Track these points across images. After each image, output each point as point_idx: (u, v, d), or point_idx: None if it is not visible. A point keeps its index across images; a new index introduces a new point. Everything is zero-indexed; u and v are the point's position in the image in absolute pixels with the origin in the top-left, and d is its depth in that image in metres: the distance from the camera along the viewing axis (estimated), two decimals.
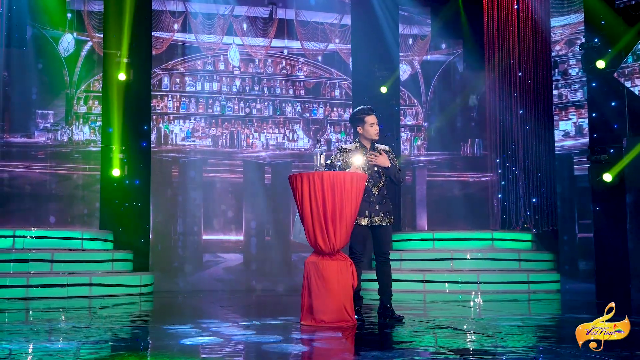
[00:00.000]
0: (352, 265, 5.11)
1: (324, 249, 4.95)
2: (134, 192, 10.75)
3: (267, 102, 12.06)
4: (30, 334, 4.91)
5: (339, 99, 12.35)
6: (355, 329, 4.95)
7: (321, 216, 4.89)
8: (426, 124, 12.67)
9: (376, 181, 5.68)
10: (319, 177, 4.97)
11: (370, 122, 5.68)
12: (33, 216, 10.60)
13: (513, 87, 11.55)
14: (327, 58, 12.37)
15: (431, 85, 12.66)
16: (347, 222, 4.97)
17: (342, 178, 4.94)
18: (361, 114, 5.71)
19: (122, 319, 6.27)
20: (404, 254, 10.54)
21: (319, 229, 4.90)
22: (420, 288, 9.95)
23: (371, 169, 5.67)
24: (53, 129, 11.02)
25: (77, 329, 5.17)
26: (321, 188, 4.90)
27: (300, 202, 4.96)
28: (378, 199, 5.62)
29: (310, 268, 4.99)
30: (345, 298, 4.98)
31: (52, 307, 7.41)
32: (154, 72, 11.46)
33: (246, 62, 12.11)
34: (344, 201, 4.90)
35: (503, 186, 11.71)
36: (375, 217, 5.55)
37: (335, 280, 4.92)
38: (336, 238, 4.92)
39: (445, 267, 10.05)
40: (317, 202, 4.88)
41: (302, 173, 5.01)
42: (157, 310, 7.79)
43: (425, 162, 12.55)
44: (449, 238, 10.43)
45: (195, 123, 11.77)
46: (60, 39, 11.16)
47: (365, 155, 5.63)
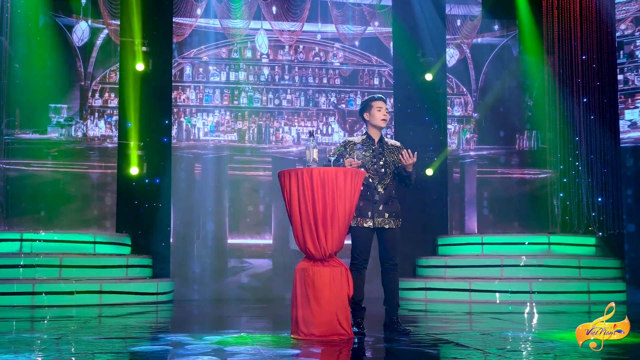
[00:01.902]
0: (348, 272, 4.99)
1: (315, 254, 4.86)
2: (154, 191, 10.81)
3: (299, 92, 11.97)
4: (21, 344, 4.91)
5: (378, 88, 12.14)
6: (351, 343, 4.83)
7: (310, 217, 4.81)
8: (476, 114, 12.39)
9: (382, 178, 5.58)
10: (308, 173, 4.88)
11: (378, 106, 5.67)
12: (45, 218, 10.74)
13: (575, 72, 11.24)
14: (365, 43, 12.17)
15: (482, 71, 12.37)
16: (341, 224, 4.86)
17: (334, 174, 4.83)
18: (368, 100, 5.73)
19: (128, 330, 6.24)
20: (448, 259, 10.38)
21: (308, 232, 4.82)
22: (466, 298, 9.76)
23: (377, 163, 5.57)
24: (66, 124, 11.15)
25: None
26: (310, 186, 4.82)
27: (288, 202, 4.88)
28: (383, 199, 5.52)
29: (300, 275, 4.90)
30: (339, 309, 4.87)
31: (58, 316, 7.47)
32: (175, 61, 11.49)
33: (275, 49, 12.02)
34: (337, 200, 4.80)
35: (564, 184, 11.41)
36: (378, 218, 5.44)
37: (327, 289, 4.81)
38: (327, 242, 4.81)
39: (495, 274, 9.85)
40: (306, 202, 4.80)
41: (290, 169, 4.94)
42: (172, 320, 7.78)
43: (475, 157, 12.28)
44: (499, 242, 10.26)
45: (220, 116, 11.75)
46: (74, 27, 11.28)
47: (371, 148, 5.55)
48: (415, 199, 11.28)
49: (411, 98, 11.66)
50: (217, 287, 11.17)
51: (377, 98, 5.72)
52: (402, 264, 11.07)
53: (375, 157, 5.60)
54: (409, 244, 11.20)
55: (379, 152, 5.61)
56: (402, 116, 11.70)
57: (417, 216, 11.29)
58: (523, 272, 9.78)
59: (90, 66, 11.35)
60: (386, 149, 5.69)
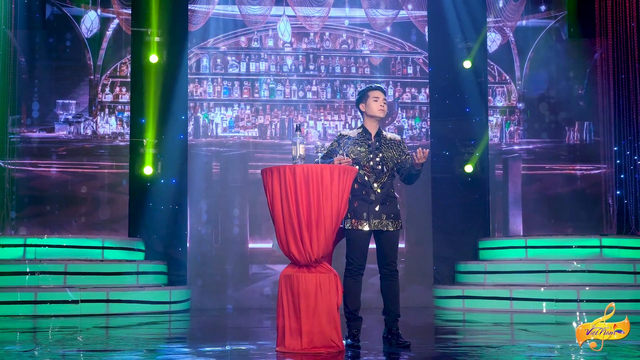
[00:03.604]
0: (337, 278, 4.91)
1: (299, 259, 4.81)
2: (170, 193, 10.84)
3: (325, 83, 11.90)
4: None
5: (412, 77, 12.02)
6: (342, 357, 4.74)
7: (294, 219, 4.76)
8: (521, 104, 12.19)
9: (378, 175, 5.52)
10: (291, 171, 4.83)
11: (374, 96, 5.63)
12: (53, 222, 10.87)
13: (632, 56, 11.00)
14: (398, 28, 12.06)
15: (527, 57, 12.17)
16: (327, 226, 4.79)
17: (319, 172, 4.77)
18: (365, 90, 5.72)
19: (123, 342, 6.25)
20: (488, 264, 10.24)
21: (291, 235, 4.78)
22: (507, 307, 9.58)
23: (373, 159, 5.52)
24: (75, 121, 11.27)
25: None
26: (293, 184, 4.78)
27: (270, 202, 4.84)
28: (380, 198, 5.45)
29: (284, 282, 4.85)
30: (327, 319, 4.80)
31: (60, 327, 7.52)
32: (191, 51, 11.53)
33: (299, 37, 11.98)
34: (322, 201, 4.73)
35: (621, 181, 11.16)
36: (374, 220, 5.35)
37: (312, 298, 4.75)
38: (312, 246, 4.74)
39: (539, 281, 9.68)
40: (289, 202, 4.75)
41: (273, 166, 4.89)
42: (180, 332, 7.77)
43: (520, 152, 12.10)
44: (544, 245, 10.03)
45: (240, 110, 11.75)
46: (83, 18, 11.40)
47: (367, 143, 5.48)
48: (455, 199, 11.19)
49: (449, 88, 11.52)
50: (237, 295, 11.17)
51: (374, 87, 5.69)
52: (441, 270, 11.18)
53: (372, 152, 5.55)
54: (448, 248, 11.13)
55: (375, 147, 5.57)
56: (439, 108, 11.55)
57: (456, 217, 11.18)
58: (570, 279, 9.56)
59: (100, 59, 11.45)
60: (384, 144, 5.63)
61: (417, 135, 12.01)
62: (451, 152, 11.34)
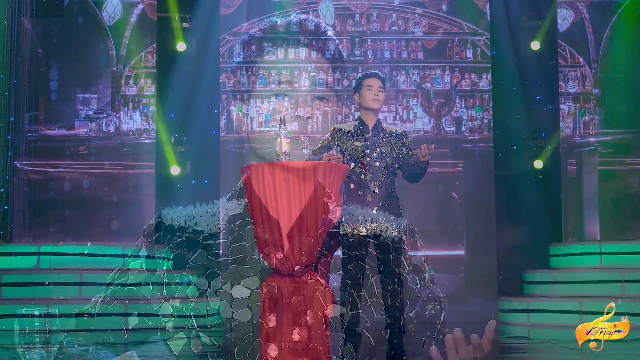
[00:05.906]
0: (328, 290, 4.84)
1: (281, 267, 4.78)
2: (202, 195, 10.80)
3: (373, 69, 11.78)
4: None
5: (472, 62, 11.94)
6: None
7: (273, 222, 4.66)
8: (597, 90, 12.04)
9: (376, 173, 5.52)
10: (269, 168, 4.80)
11: (368, 85, 5.71)
12: (71, 227, 11.02)
13: None
14: (455, 6, 11.98)
15: (604, 36, 12.01)
16: (312, 231, 4.70)
17: (301, 170, 4.68)
18: (360, 79, 5.83)
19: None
20: (558, 273, 10.03)
21: (271, 241, 4.72)
22: (576, 322, 9.29)
23: (370, 155, 5.53)
24: (96, 117, 11.41)
25: None
26: (272, 183, 4.73)
27: (249, 204, 4.77)
28: (378, 199, 5.43)
29: (267, 294, 4.81)
30: (315, 335, 4.71)
31: (67, 343, 7.59)
32: (223, 38, 11.58)
33: (343, 19, 11.94)
34: (305, 202, 4.62)
35: None
36: (372, 223, 5.23)
37: (294, 310, 4.65)
38: (295, 253, 4.69)
39: (614, 292, 9.35)
40: (268, 203, 4.66)
41: (251, 164, 4.92)
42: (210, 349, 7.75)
43: (595, 145, 11.96)
44: (621, 252, 9.75)
45: (277, 102, 11.75)
46: (104, 4, 11.55)
47: (363, 137, 5.44)
48: (523, 199, 10.96)
49: (515, 73, 11.29)
50: None
51: (369, 74, 5.80)
52: (508, 279, 10.96)
53: (368, 147, 5.58)
54: (516, 255, 10.92)
55: (372, 142, 5.56)
56: (504, 95, 11.31)
57: (524, 219, 10.94)
58: None
59: (123, 48, 11.59)
60: (382, 138, 5.67)
61: (479, 127, 11.86)
62: (518, 145, 11.10)
